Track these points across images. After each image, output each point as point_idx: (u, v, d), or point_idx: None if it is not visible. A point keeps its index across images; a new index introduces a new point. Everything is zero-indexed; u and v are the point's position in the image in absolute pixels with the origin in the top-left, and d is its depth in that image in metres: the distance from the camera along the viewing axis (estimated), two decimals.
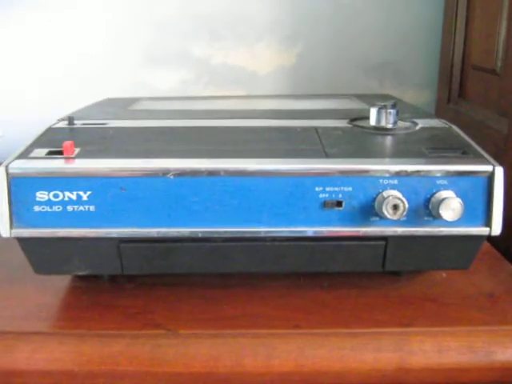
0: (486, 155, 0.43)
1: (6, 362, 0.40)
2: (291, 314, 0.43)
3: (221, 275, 0.48)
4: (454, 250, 0.43)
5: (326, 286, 0.47)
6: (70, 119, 0.49)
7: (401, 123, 0.50)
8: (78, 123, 0.50)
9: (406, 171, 0.41)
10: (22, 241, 0.42)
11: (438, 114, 0.83)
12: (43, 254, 0.42)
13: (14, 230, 0.41)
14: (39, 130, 0.88)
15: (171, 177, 0.40)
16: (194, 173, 0.40)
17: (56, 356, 0.40)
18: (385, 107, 0.48)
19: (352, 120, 0.51)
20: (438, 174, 0.41)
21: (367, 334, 0.41)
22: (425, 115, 0.54)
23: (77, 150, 0.43)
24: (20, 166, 0.40)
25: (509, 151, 0.59)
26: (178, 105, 0.64)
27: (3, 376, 0.40)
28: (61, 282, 0.47)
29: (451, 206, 0.40)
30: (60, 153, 0.42)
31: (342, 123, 0.50)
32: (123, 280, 0.47)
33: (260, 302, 0.45)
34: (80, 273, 0.43)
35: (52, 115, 0.88)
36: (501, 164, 0.59)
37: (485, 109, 0.67)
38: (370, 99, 0.65)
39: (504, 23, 0.63)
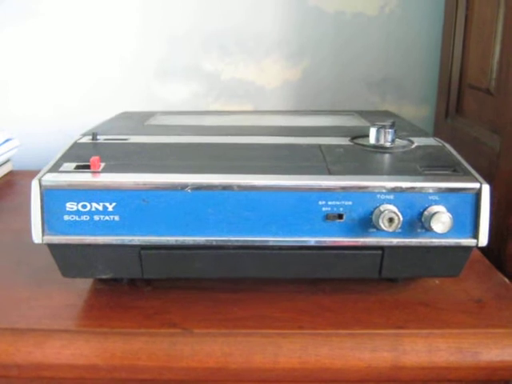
0: (474, 173, 0.47)
1: (37, 357, 0.44)
2: (296, 316, 0.47)
3: (231, 280, 0.52)
4: (445, 259, 0.47)
5: (328, 290, 0.51)
6: (94, 135, 0.54)
7: (398, 141, 0.54)
8: (100, 138, 0.54)
9: (401, 187, 0.45)
10: (52, 247, 0.46)
11: (436, 128, 0.88)
12: (71, 259, 0.46)
13: (45, 237, 0.45)
14: (56, 140, 0.92)
15: (189, 190, 0.44)
16: (210, 187, 0.44)
17: (82, 352, 0.44)
18: (384, 127, 0.52)
19: (353, 138, 0.55)
20: (431, 190, 0.45)
21: (365, 334, 0.45)
22: (421, 133, 0.58)
23: (102, 165, 0.47)
24: (52, 179, 0.45)
25: (501, 167, 0.63)
26: (190, 120, 0.68)
27: (35, 369, 0.44)
28: (83, 285, 0.51)
29: (441, 220, 0.44)
30: (87, 167, 0.46)
31: (344, 141, 0.54)
32: (141, 283, 0.52)
33: (267, 304, 0.49)
34: (104, 276, 0.48)
35: (67, 127, 0.93)
36: (493, 179, 0.63)
37: (480, 126, 0.71)
38: (371, 116, 0.69)
39: (498, 45, 0.67)
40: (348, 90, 0.91)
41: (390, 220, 0.44)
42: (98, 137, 0.54)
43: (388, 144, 0.52)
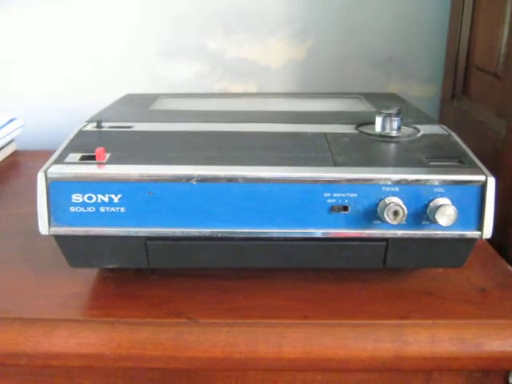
0: (480, 164, 0.47)
1: (45, 346, 0.45)
2: (300, 305, 0.48)
3: (235, 267, 0.52)
4: (449, 250, 0.47)
5: (332, 278, 0.51)
6: (98, 123, 0.54)
7: (404, 129, 0.53)
8: (105, 125, 0.54)
9: (406, 180, 0.45)
10: (58, 238, 0.46)
11: (442, 109, 0.87)
12: (77, 250, 0.47)
13: (52, 229, 0.45)
14: (60, 119, 0.92)
15: (194, 182, 0.44)
16: (215, 179, 0.44)
17: (90, 341, 0.45)
18: (389, 115, 0.52)
19: (359, 125, 0.55)
20: (436, 183, 0.45)
21: (368, 325, 0.46)
22: (427, 120, 0.58)
23: (107, 156, 0.47)
24: (57, 171, 0.45)
25: (505, 154, 0.63)
26: (193, 104, 0.68)
27: (43, 358, 0.45)
28: (90, 273, 0.52)
29: (446, 213, 0.44)
30: (92, 158, 0.46)
31: (350, 128, 0.54)
32: (147, 271, 0.52)
33: (272, 293, 0.49)
34: (110, 266, 0.48)
35: (70, 105, 0.92)
36: (498, 165, 0.63)
37: (486, 109, 0.71)
38: (377, 100, 0.69)
39: (506, 28, 0.66)
40: (353, 69, 0.90)
41: (395, 213, 0.44)
42: (103, 124, 0.54)
43: (394, 133, 0.52)
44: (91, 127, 0.54)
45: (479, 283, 0.51)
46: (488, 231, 0.46)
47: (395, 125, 0.52)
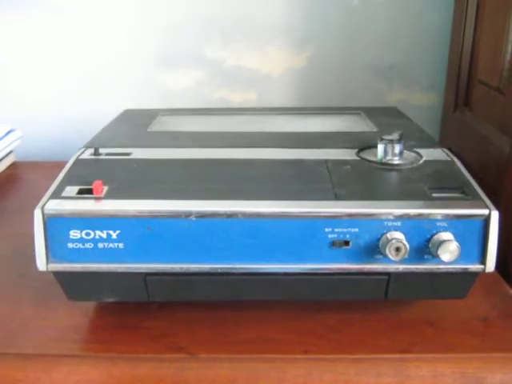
0: (483, 196, 0.46)
1: (45, 383, 0.45)
2: (301, 339, 0.47)
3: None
4: (451, 283, 0.47)
5: (333, 307, 0.51)
6: (96, 150, 0.53)
7: (406, 154, 0.53)
8: (102, 152, 0.53)
9: (408, 214, 0.44)
10: (56, 274, 0.46)
11: (444, 119, 0.86)
12: (76, 285, 0.46)
13: (50, 265, 0.45)
14: (57, 128, 0.91)
15: (193, 218, 0.44)
16: (214, 215, 0.44)
17: (89, 377, 0.44)
18: (391, 141, 0.51)
19: (360, 150, 0.54)
20: (439, 217, 0.44)
21: (369, 359, 0.45)
22: (429, 143, 0.57)
23: (105, 189, 0.46)
24: (54, 208, 0.44)
25: (510, 172, 0.62)
26: (192, 123, 0.67)
27: None
28: (88, 302, 0.52)
29: (449, 249, 0.43)
30: (90, 191, 0.46)
31: (351, 154, 0.53)
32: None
33: (273, 323, 0.49)
34: (109, 300, 0.48)
35: (68, 114, 0.92)
36: (501, 182, 0.62)
37: (489, 124, 0.70)
38: (378, 115, 0.68)
39: (510, 45, 0.65)
40: (354, 77, 0.89)
41: (397, 249, 0.43)
42: (101, 150, 0.54)
43: (396, 159, 0.51)
44: (89, 154, 0.53)
45: (481, 312, 0.51)
46: (491, 265, 0.45)
47: (397, 151, 0.52)
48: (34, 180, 0.84)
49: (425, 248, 0.45)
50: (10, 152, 0.87)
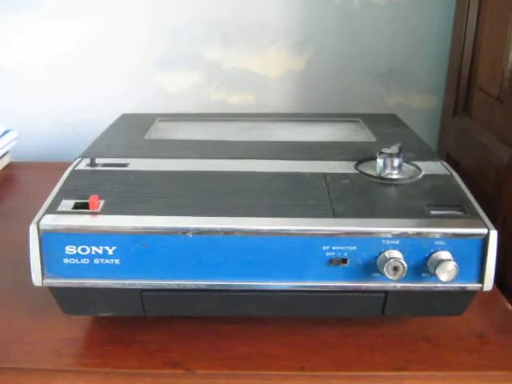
0: (482, 214, 0.46)
1: None
2: (297, 354, 0.47)
3: None
4: (449, 301, 0.46)
5: (330, 322, 0.51)
6: (92, 160, 0.52)
7: (405, 167, 0.52)
8: (99, 163, 0.53)
9: (407, 233, 0.44)
10: (52, 289, 0.45)
11: (443, 124, 0.85)
12: (71, 300, 0.46)
13: (45, 280, 0.44)
14: (54, 128, 0.90)
15: (190, 235, 0.44)
16: (211, 232, 0.44)
17: None
18: (390, 156, 0.51)
19: (359, 163, 0.54)
20: (437, 236, 0.44)
21: (366, 376, 0.45)
22: (428, 155, 0.57)
23: (101, 203, 0.46)
24: (50, 223, 0.44)
25: (509, 182, 0.62)
26: (190, 130, 0.66)
27: None
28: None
29: (447, 269, 0.43)
30: (86, 205, 0.45)
31: (350, 167, 0.53)
32: None
33: (269, 338, 0.49)
34: (105, 314, 0.47)
35: (65, 115, 0.91)
36: (500, 192, 0.62)
37: (487, 131, 0.69)
38: (377, 123, 0.67)
39: (511, 55, 0.64)
40: (353, 80, 0.88)
41: (395, 269, 0.43)
42: (97, 160, 0.53)
43: (394, 173, 0.51)
44: (85, 165, 0.53)
45: (478, 327, 0.51)
46: (489, 284, 0.45)
47: (396, 164, 0.51)
48: (30, 180, 0.83)
49: (423, 266, 0.44)
50: (7, 153, 0.87)
